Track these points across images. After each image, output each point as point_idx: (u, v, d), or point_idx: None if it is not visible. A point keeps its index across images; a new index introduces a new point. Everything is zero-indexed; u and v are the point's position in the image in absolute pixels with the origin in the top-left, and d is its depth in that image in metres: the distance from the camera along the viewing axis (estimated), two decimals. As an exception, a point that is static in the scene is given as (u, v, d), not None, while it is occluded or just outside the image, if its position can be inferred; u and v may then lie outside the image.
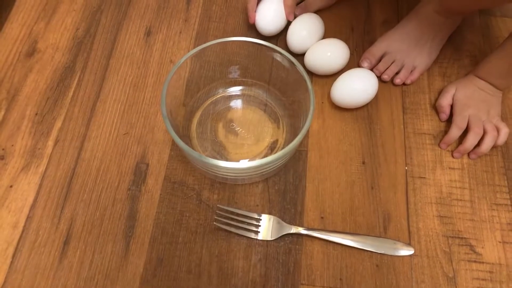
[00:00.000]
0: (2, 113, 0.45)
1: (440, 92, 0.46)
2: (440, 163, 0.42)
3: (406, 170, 0.42)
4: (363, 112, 0.45)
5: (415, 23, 0.46)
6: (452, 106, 0.44)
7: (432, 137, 0.44)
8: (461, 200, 0.40)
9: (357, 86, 0.43)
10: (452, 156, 0.42)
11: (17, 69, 0.48)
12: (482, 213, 0.40)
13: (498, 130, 0.42)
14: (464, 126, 0.42)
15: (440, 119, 0.44)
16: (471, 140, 0.41)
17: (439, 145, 0.43)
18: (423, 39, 0.46)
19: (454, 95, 0.44)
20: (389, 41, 0.47)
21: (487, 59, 0.42)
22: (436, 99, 0.46)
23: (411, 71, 0.46)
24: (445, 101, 0.44)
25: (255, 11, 0.47)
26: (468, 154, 0.42)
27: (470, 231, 0.39)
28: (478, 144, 0.42)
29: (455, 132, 0.42)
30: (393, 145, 0.43)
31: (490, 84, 0.42)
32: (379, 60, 0.47)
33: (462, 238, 0.38)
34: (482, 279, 0.37)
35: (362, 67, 0.46)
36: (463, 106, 0.43)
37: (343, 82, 0.43)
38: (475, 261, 0.37)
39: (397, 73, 0.47)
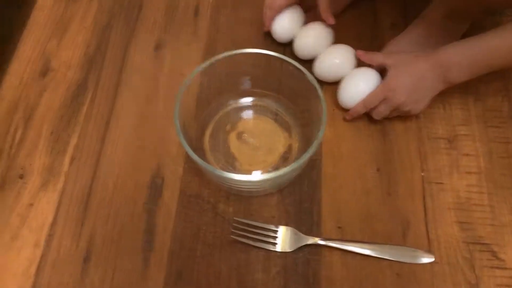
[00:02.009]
0: (20, 131, 0.46)
1: (453, 95, 0.45)
2: (457, 167, 0.42)
3: (422, 176, 0.41)
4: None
5: (422, 29, 0.45)
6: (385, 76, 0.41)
7: (447, 141, 0.43)
8: (480, 205, 0.40)
9: (362, 86, 0.43)
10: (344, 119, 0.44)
11: (32, 88, 0.49)
12: (503, 218, 0.39)
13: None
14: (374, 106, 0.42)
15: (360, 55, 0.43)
16: (358, 108, 0.43)
17: (345, 117, 0.44)
18: (431, 44, 0.45)
19: (388, 67, 0.41)
20: (397, 47, 0.46)
21: (456, 43, 0.38)
22: (450, 104, 0.45)
23: None
24: (378, 61, 0.42)
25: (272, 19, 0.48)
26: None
27: (491, 237, 0.38)
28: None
29: (360, 108, 0.42)
30: (407, 150, 0.43)
31: (443, 69, 0.38)
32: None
33: (483, 244, 0.38)
34: (506, 286, 0.36)
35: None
36: (388, 88, 0.40)
37: (348, 84, 0.44)
38: (498, 267, 0.37)
39: None
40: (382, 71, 0.43)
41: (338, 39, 0.48)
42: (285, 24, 0.48)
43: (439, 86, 0.40)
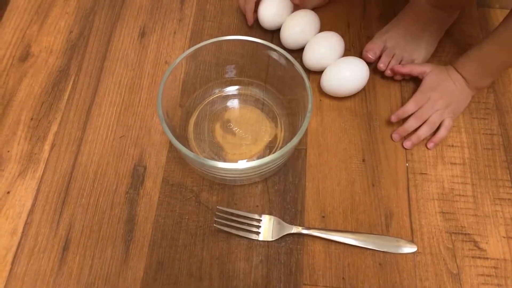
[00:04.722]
0: (-3, 118, 0.44)
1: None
2: (441, 158, 0.42)
3: (407, 166, 0.41)
4: (362, 109, 0.45)
5: (410, 17, 0.45)
6: (420, 83, 0.43)
7: (433, 133, 0.43)
8: (463, 195, 0.40)
9: (347, 74, 0.42)
10: (391, 137, 0.42)
11: (11, 74, 0.47)
12: (485, 208, 0.39)
13: (440, 125, 0.41)
14: (421, 105, 0.41)
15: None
16: (410, 123, 0.41)
17: (391, 117, 0.42)
18: (419, 33, 0.45)
19: (426, 74, 0.43)
20: (386, 36, 0.46)
21: (466, 54, 0.41)
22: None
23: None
24: (418, 70, 0.43)
25: (254, 11, 0.47)
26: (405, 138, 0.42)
27: (473, 227, 0.38)
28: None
29: (411, 106, 0.41)
30: (393, 141, 0.43)
31: (463, 78, 0.41)
32: (381, 54, 0.46)
33: (465, 234, 0.38)
34: (487, 275, 0.36)
35: (366, 58, 0.46)
36: (429, 88, 0.42)
37: (333, 71, 0.43)
38: (479, 257, 0.37)
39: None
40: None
41: (326, 29, 0.47)
42: (272, 10, 0.47)
43: (469, 96, 0.43)
